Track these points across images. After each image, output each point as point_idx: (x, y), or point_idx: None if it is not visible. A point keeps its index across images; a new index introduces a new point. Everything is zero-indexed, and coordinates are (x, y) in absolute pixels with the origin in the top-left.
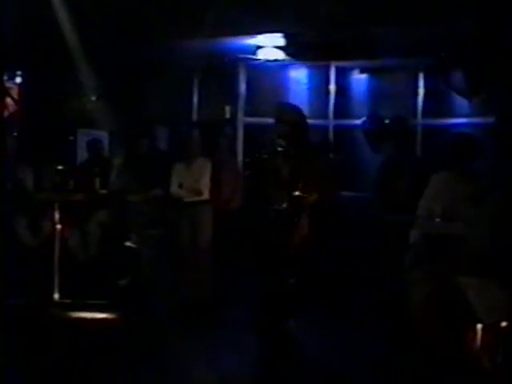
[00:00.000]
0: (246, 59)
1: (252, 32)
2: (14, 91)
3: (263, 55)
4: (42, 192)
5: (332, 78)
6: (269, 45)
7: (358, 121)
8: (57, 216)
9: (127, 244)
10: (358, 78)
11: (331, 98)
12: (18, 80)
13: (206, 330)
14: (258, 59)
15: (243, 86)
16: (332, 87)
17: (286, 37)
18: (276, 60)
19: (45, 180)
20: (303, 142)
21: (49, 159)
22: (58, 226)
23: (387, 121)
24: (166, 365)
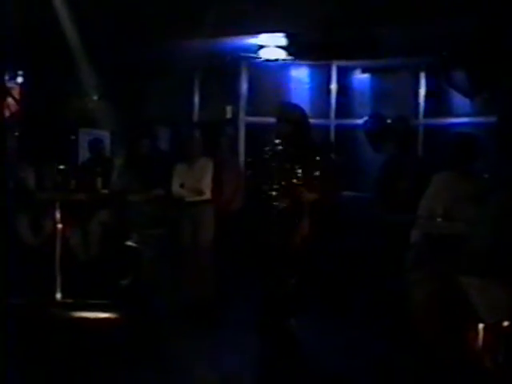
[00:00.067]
0: (248, 59)
1: (253, 31)
2: (16, 91)
3: (265, 55)
4: (44, 191)
5: (334, 78)
6: (270, 44)
7: (360, 120)
8: (58, 215)
9: (129, 244)
10: (360, 78)
11: (333, 98)
12: (20, 80)
13: (208, 330)
14: (260, 59)
15: (245, 86)
16: (334, 87)
17: (288, 36)
18: (277, 59)
19: (46, 179)
20: (305, 142)
21: (50, 159)
22: (60, 226)
23: (389, 120)
24: (168, 364)
